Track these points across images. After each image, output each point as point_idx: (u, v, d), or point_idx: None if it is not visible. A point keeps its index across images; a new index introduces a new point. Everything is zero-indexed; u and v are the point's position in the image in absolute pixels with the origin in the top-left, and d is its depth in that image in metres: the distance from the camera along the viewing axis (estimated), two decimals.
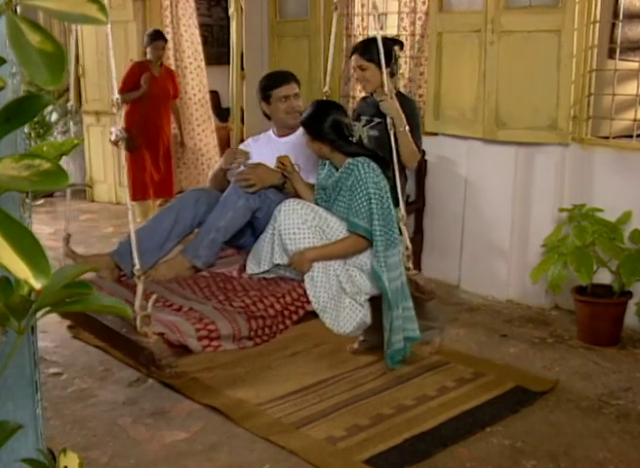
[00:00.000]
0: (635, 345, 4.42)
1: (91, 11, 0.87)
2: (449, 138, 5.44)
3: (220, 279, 3.73)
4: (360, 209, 3.55)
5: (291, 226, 3.51)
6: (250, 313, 3.32)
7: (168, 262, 3.78)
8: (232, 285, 3.66)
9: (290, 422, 3.47)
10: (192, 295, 3.52)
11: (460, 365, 4.10)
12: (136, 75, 6.92)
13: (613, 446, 3.32)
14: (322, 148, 3.70)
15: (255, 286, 3.63)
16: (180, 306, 3.35)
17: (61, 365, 4.14)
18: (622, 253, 4.36)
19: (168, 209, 3.91)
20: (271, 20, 6.64)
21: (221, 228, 3.76)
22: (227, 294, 3.53)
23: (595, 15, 4.69)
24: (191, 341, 3.11)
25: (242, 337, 3.29)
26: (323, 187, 3.73)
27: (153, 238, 3.73)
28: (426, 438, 3.34)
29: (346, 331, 3.56)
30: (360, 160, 3.61)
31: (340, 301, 3.55)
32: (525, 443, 3.33)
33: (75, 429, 3.44)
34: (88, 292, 1.12)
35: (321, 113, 3.71)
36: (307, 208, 3.55)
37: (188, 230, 3.84)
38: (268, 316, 3.37)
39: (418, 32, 6.13)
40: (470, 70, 5.15)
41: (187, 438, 3.38)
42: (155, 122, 7.13)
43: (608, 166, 4.69)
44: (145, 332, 2.92)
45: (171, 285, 3.64)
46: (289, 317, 3.47)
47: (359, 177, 3.56)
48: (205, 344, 3.16)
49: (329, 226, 3.57)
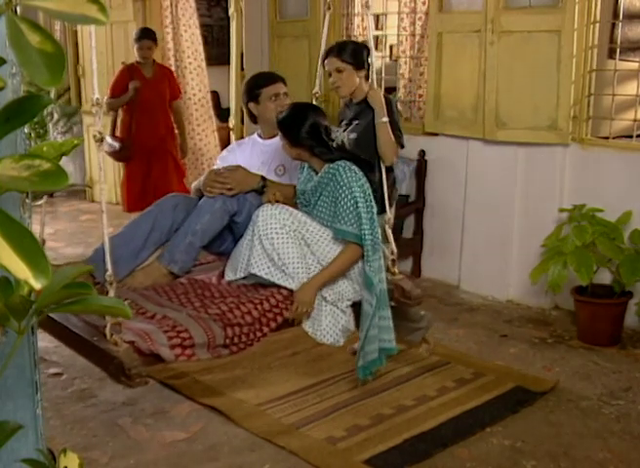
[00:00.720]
0: (635, 345, 4.42)
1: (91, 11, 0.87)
2: (449, 139, 5.44)
3: (199, 285, 3.67)
4: (347, 214, 3.46)
5: (270, 231, 3.43)
6: (226, 321, 3.26)
7: (144, 269, 3.71)
8: (210, 291, 3.60)
9: (290, 422, 3.47)
10: (168, 302, 3.47)
11: (459, 365, 4.10)
12: (125, 79, 6.55)
13: (613, 446, 3.32)
14: (301, 154, 3.62)
15: (233, 292, 3.56)
16: (153, 314, 3.29)
17: (61, 365, 4.13)
18: (622, 253, 4.36)
19: (145, 215, 3.81)
20: (271, 21, 6.64)
21: (198, 231, 3.69)
22: (204, 301, 3.46)
23: (595, 15, 4.68)
24: (163, 350, 3.06)
25: (217, 346, 3.23)
26: (302, 192, 3.66)
27: (129, 246, 3.65)
28: (426, 438, 3.34)
29: (329, 339, 3.50)
30: (340, 163, 3.51)
31: (321, 309, 3.49)
32: (525, 443, 3.33)
33: (75, 429, 3.44)
34: (87, 293, 1.12)
35: (298, 117, 3.58)
36: (286, 212, 3.47)
37: (165, 238, 3.74)
38: (245, 323, 3.31)
39: (418, 32, 6.12)
40: (470, 70, 5.15)
41: (187, 438, 3.38)
42: (152, 129, 6.61)
43: (608, 166, 4.69)
44: (115, 341, 2.87)
45: (147, 292, 3.58)
46: (266, 324, 3.40)
47: (341, 182, 3.47)
48: (178, 353, 3.10)
49: (308, 231, 3.50)
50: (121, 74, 6.63)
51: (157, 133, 6.65)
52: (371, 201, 3.53)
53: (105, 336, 2.88)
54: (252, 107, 4.08)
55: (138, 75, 6.56)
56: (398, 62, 6.43)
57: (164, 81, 6.79)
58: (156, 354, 3.04)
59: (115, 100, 6.50)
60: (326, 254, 3.51)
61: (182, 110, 7.21)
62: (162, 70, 6.88)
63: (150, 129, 6.59)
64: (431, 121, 5.48)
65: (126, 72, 6.61)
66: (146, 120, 6.55)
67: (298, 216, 3.49)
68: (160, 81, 6.74)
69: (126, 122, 6.57)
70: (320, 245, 3.52)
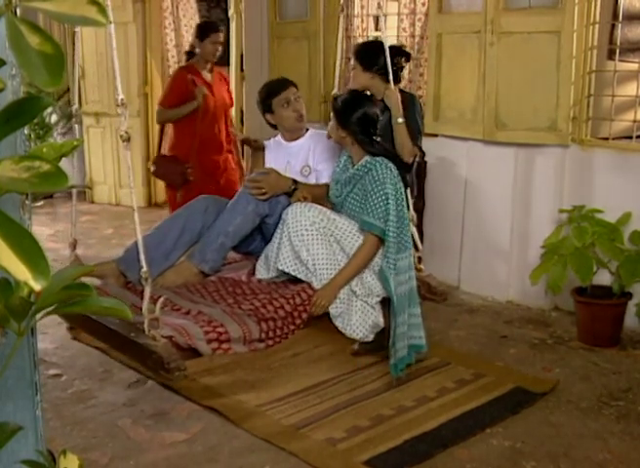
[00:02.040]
0: (635, 346, 4.42)
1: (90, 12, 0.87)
2: (448, 140, 5.44)
3: (229, 283, 3.72)
4: (376, 208, 3.54)
5: (299, 228, 3.49)
6: (260, 315, 3.32)
7: (175, 269, 3.76)
8: (241, 288, 3.66)
9: (290, 423, 3.47)
10: (201, 299, 3.51)
11: (460, 366, 4.10)
12: (186, 85, 5.41)
13: (613, 447, 3.32)
14: (345, 138, 3.71)
15: (264, 289, 3.62)
16: (188, 310, 3.34)
17: (61, 366, 4.13)
18: (622, 254, 4.36)
19: (175, 217, 3.86)
20: (271, 22, 6.65)
21: (230, 233, 3.74)
22: (236, 298, 3.53)
23: (595, 16, 4.69)
24: (201, 344, 3.10)
25: (253, 340, 3.29)
26: (337, 181, 3.73)
27: (159, 248, 3.69)
28: (426, 439, 3.34)
29: (359, 334, 3.56)
30: (378, 160, 3.62)
31: (351, 305, 3.54)
32: (525, 444, 3.33)
33: (75, 430, 3.44)
34: (88, 294, 1.13)
35: (355, 102, 3.69)
36: (315, 210, 3.54)
37: (195, 240, 3.79)
38: (279, 317, 3.37)
39: (417, 33, 6.14)
40: (470, 71, 5.15)
41: (187, 439, 3.38)
42: (218, 144, 5.62)
43: (608, 167, 4.69)
44: (154, 336, 2.90)
45: (179, 290, 3.63)
46: (299, 317, 3.47)
47: (376, 177, 3.56)
48: (215, 347, 3.15)
49: (337, 227, 3.57)
50: (180, 78, 5.57)
51: (223, 149, 5.73)
52: (402, 200, 3.60)
53: (143, 332, 2.91)
54: (269, 118, 4.16)
55: (199, 79, 5.54)
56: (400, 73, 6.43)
57: (223, 85, 5.92)
58: (194, 348, 3.07)
59: (174, 112, 5.47)
60: (356, 249, 3.57)
61: (232, 120, 6.24)
62: (219, 74, 5.92)
63: (216, 145, 5.65)
64: (431, 122, 5.48)
65: (185, 76, 5.54)
66: (211, 134, 5.57)
67: (327, 214, 3.56)
68: (220, 86, 5.82)
69: (187, 137, 5.48)
70: (350, 240, 3.58)
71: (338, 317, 3.52)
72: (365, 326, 3.54)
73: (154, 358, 2.91)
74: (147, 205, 8.28)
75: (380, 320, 3.58)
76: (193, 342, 3.06)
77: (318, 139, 4.12)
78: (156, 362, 2.91)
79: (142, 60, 8.06)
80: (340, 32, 4.21)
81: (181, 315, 3.28)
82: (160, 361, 2.89)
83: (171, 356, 2.91)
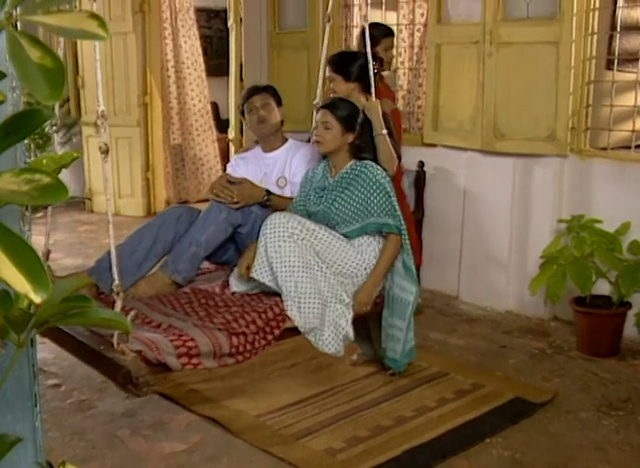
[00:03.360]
0: (634, 356, 4.42)
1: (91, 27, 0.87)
2: (447, 150, 5.45)
3: (202, 295, 3.70)
4: (382, 206, 3.56)
5: (276, 239, 3.46)
6: (231, 329, 3.29)
7: (148, 279, 3.74)
8: (214, 301, 3.63)
9: (289, 434, 3.46)
10: (173, 312, 3.49)
11: (459, 376, 4.10)
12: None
13: (612, 457, 3.31)
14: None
15: (237, 302, 3.59)
16: (159, 323, 3.31)
17: (60, 376, 4.13)
18: (621, 263, 4.36)
19: (148, 226, 3.83)
20: (270, 32, 6.67)
21: (202, 243, 3.73)
22: (208, 311, 3.50)
23: (593, 26, 4.70)
24: (170, 359, 3.07)
25: (223, 354, 3.25)
26: (322, 188, 3.72)
27: (132, 257, 3.68)
28: (426, 449, 3.34)
29: (331, 349, 3.53)
30: (367, 162, 3.65)
31: (324, 320, 3.51)
32: (524, 454, 3.33)
33: (74, 441, 3.44)
34: (87, 306, 1.13)
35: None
36: (295, 221, 3.50)
37: (168, 249, 3.76)
38: (250, 332, 3.34)
39: (416, 44, 6.15)
40: (469, 82, 5.16)
41: (186, 449, 3.37)
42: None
43: (606, 177, 4.70)
44: (123, 350, 2.88)
45: (151, 301, 3.61)
46: (270, 333, 3.43)
47: (371, 177, 3.60)
48: (184, 362, 3.12)
49: (317, 238, 3.54)
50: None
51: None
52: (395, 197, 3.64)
53: (112, 345, 2.89)
54: (244, 121, 4.20)
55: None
56: (397, 74, 6.45)
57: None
58: (163, 363, 3.06)
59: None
60: (336, 260, 3.56)
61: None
62: (386, 87, 4.79)
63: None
64: (430, 132, 5.49)
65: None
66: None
67: (306, 225, 3.53)
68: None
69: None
70: (330, 251, 3.56)
71: (310, 332, 3.50)
72: (337, 340, 3.52)
73: (123, 372, 2.88)
74: (147, 214, 8.26)
75: (350, 333, 3.57)
76: (163, 357, 3.03)
77: (296, 151, 4.12)
78: (125, 377, 2.88)
79: (142, 71, 8.07)
80: (325, 43, 4.19)
81: (152, 328, 3.26)
82: (128, 376, 2.86)
83: (139, 371, 2.87)
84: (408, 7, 6.20)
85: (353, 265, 3.60)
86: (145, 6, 7.97)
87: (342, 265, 3.58)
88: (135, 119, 8.02)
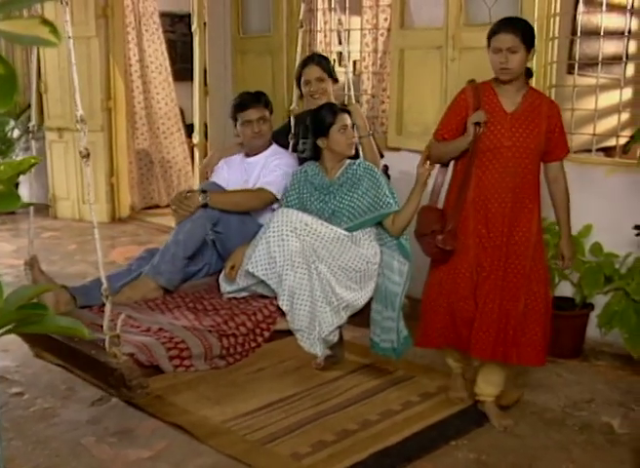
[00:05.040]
0: (597, 357, 4.46)
1: (43, 33, 0.86)
2: (412, 154, 5.45)
3: (190, 299, 3.71)
4: (391, 197, 3.77)
5: (281, 233, 3.51)
6: (221, 332, 3.31)
7: (132, 284, 3.75)
8: (202, 304, 3.64)
9: (255, 439, 3.46)
10: (161, 316, 3.49)
11: (424, 379, 4.12)
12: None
13: (576, 457, 3.35)
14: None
15: (225, 305, 3.61)
16: (148, 327, 3.32)
17: (23, 384, 4.09)
18: (583, 265, 4.41)
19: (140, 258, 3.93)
20: (234, 36, 6.66)
21: (181, 242, 3.75)
22: (197, 314, 3.51)
23: (554, 31, 4.75)
24: (163, 361, 3.08)
25: (214, 356, 3.27)
26: (328, 184, 3.75)
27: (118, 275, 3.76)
28: (391, 453, 3.35)
29: (318, 351, 3.57)
30: (364, 161, 3.81)
31: (314, 320, 3.54)
32: (490, 456, 3.35)
33: (37, 449, 3.40)
34: (44, 313, 1.12)
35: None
36: (299, 217, 3.57)
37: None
38: (240, 334, 3.36)
39: (380, 49, 6.18)
40: (432, 86, 5.19)
41: (152, 456, 3.35)
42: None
43: (568, 180, 4.70)
44: (115, 353, 2.88)
45: (139, 306, 3.61)
46: (260, 334, 3.46)
47: (377, 173, 3.73)
48: (176, 364, 3.13)
49: (319, 235, 3.60)
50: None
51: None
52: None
53: (104, 349, 2.89)
54: (234, 128, 4.17)
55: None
56: (361, 78, 6.47)
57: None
58: (155, 365, 3.06)
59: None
60: (339, 256, 3.60)
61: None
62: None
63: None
64: (394, 136, 5.51)
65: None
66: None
67: (310, 223, 3.59)
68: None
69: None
70: (335, 247, 3.61)
71: (299, 331, 3.53)
72: (320, 341, 3.55)
73: (116, 376, 2.88)
74: (111, 221, 8.21)
75: (331, 337, 3.61)
76: (155, 359, 3.04)
77: (274, 156, 4.14)
78: (118, 379, 2.88)
79: (106, 75, 8.01)
80: (299, 47, 4.21)
81: (142, 332, 3.26)
82: (122, 378, 2.87)
83: (132, 373, 2.88)
84: (371, 12, 6.23)
85: (356, 260, 3.68)
86: (109, 10, 7.91)
87: (347, 260, 3.66)
88: (98, 124, 7.96)
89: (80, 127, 2.93)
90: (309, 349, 3.56)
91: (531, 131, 3.41)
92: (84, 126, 2.92)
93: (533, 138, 3.40)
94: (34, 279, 3.54)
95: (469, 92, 3.54)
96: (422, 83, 5.27)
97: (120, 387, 2.90)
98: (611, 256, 4.45)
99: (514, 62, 3.34)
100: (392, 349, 3.83)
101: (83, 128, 2.92)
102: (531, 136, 3.40)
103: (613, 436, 3.54)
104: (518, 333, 3.46)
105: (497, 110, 3.45)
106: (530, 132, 3.41)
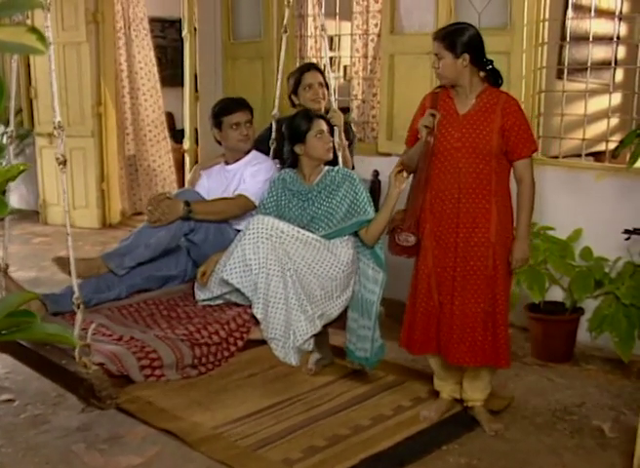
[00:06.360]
0: (587, 361, 4.47)
1: (30, 40, 0.86)
2: None
3: (164, 307, 3.70)
4: (368, 205, 3.76)
5: (256, 240, 3.49)
6: (193, 341, 3.28)
7: (86, 260, 3.78)
8: (176, 312, 3.63)
9: (246, 445, 3.45)
10: (134, 324, 3.48)
11: (415, 384, 4.12)
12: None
13: (567, 461, 3.35)
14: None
15: (199, 313, 3.60)
16: (120, 336, 3.30)
17: (14, 391, 4.07)
18: (573, 270, 4.42)
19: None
20: (224, 42, 6.66)
21: (151, 245, 3.76)
22: (171, 322, 3.50)
23: (543, 37, 4.77)
24: (133, 371, 3.06)
25: (185, 366, 3.25)
26: (301, 193, 3.74)
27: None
28: (383, 458, 3.35)
29: (292, 361, 3.57)
30: (342, 167, 3.82)
31: (289, 329, 3.53)
32: (481, 460, 3.35)
33: (28, 456, 3.39)
34: (31, 321, 1.11)
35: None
36: (274, 224, 3.56)
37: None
38: (213, 343, 3.34)
39: (370, 54, 6.19)
40: (422, 91, 5.13)
41: (143, 463, 3.34)
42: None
43: (558, 185, 4.76)
44: (85, 363, 2.85)
45: (112, 314, 3.60)
46: (234, 343, 3.43)
47: (356, 180, 3.73)
48: (147, 374, 3.12)
49: (297, 241, 3.59)
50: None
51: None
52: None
53: (74, 359, 2.86)
54: (215, 134, 4.16)
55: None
56: (351, 83, 6.49)
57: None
58: (126, 375, 3.04)
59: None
60: (315, 264, 3.59)
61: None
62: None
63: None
64: (384, 141, 5.52)
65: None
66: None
67: (286, 229, 3.58)
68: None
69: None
70: (312, 254, 3.61)
71: (273, 340, 3.52)
72: (295, 350, 3.55)
73: (85, 386, 2.85)
74: (102, 226, 8.18)
75: (306, 346, 3.61)
76: (125, 369, 3.02)
77: (254, 161, 4.15)
78: (87, 390, 2.85)
79: (96, 81, 7.99)
80: (282, 53, 4.23)
81: (114, 341, 3.24)
82: (91, 389, 2.84)
83: (102, 384, 2.85)
84: (362, 17, 6.24)
85: (332, 267, 3.67)
86: (99, 16, 7.91)
87: (323, 268, 3.65)
88: (89, 129, 7.94)
89: (57, 133, 2.92)
90: (284, 359, 3.55)
91: (481, 131, 3.42)
92: (61, 132, 2.91)
93: (482, 138, 3.41)
94: (6, 286, 3.53)
95: (429, 98, 3.65)
96: (413, 88, 5.27)
97: (90, 398, 2.87)
98: (601, 261, 4.46)
99: (442, 67, 3.48)
100: (365, 359, 3.84)
101: (60, 134, 2.91)
102: (480, 136, 3.41)
103: (604, 440, 3.55)
104: (487, 335, 3.47)
105: (450, 113, 3.50)
106: (480, 132, 3.42)
